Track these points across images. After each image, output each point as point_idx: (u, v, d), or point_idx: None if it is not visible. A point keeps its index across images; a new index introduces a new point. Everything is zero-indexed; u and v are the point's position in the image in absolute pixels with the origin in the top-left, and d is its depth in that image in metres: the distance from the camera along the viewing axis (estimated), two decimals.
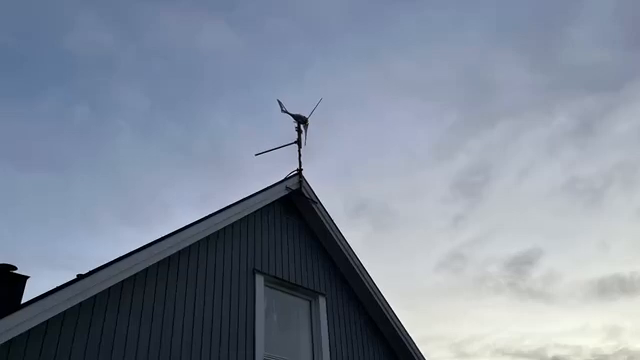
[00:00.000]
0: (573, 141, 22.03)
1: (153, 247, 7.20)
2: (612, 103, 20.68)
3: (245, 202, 8.83)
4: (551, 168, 21.94)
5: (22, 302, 6.90)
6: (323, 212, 10.01)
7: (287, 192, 9.65)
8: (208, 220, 8.10)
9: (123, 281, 6.86)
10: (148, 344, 6.82)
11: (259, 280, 8.65)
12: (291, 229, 9.77)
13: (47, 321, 5.98)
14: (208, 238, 8.21)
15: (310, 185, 10.02)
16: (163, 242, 7.35)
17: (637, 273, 24.85)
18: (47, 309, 5.90)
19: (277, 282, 9.02)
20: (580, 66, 19.09)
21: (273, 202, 9.50)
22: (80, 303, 6.33)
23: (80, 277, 6.40)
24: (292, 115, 10.59)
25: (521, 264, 25.36)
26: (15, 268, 7.94)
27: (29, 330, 5.78)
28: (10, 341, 5.60)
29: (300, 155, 10.28)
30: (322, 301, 9.53)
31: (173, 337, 7.11)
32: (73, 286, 6.20)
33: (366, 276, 10.13)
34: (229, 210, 8.51)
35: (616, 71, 19.76)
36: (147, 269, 7.20)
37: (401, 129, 20.73)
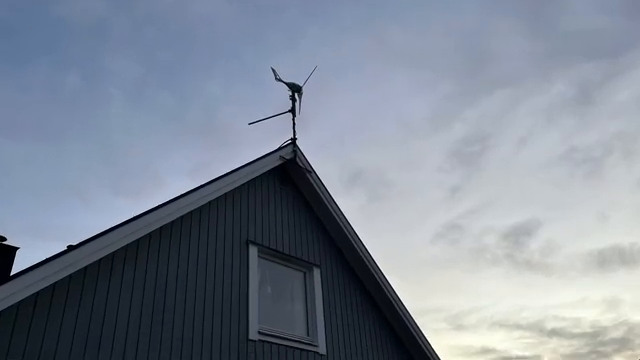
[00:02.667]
0: (572, 110, 21.87)
1: (145, 218, 7.08)
2: (611, 71, 20.49)
3: (238, 172, 8.69)
4: (550, 137, 21.82)
5: (12, 274, 6.81)
6: (317, 182, 9.89)
7: (281, 162, 9.51)
8: (201, 190, 7.96)
9: (114, 252, 6.75)
10: (140, 316, 6.74)
11: (253, 251, 8.56)
12: (285, 199, 9.66)
13: (37, 293, 5.89)
14: (201, 209, 8.10)
15: (304, 154, 9.88)
16: (155, 213, 7.22)
17: (637, 244, 24.88)
18: (37, 281, 5.79)
19: (271, 253, 8.94)
20: (579, 33, 18.85)
21: (267, 172, 9.36)
22: (70, 275, 6.23)
23: (71, 248, 6.28)
24: (286, 83, 10.41)
25: (519, 235, 25.38)
26: (5, 239, 7.85)
27: (19, 302, 5.69)
28: None
29: (294, 124, 10.14)
30: (317, 272, 9.47)
31: (165, 309, 7.04)
32: (63, 257, 6.09)
33: (361, 247, 10.07)
34: (222, 180, 8.37)
35: (615, 39, 19.54)
36: (139, 240, 7.09)
37: (397, 98, 20.52)
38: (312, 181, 9.83)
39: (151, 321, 6.82)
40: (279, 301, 8.97)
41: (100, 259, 6.57)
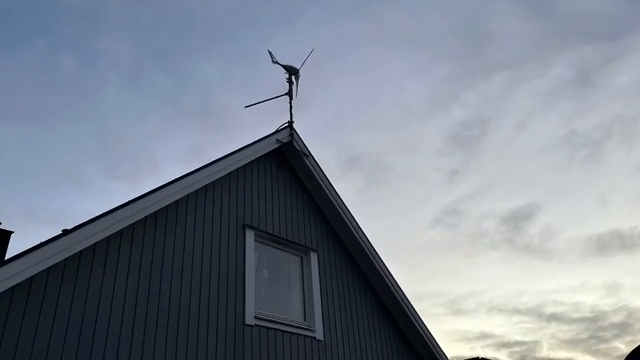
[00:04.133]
0: (571, 93, 21.78)
1: (140, 202, 7.01)
2: (611, 54, 20.37)
3: (235, 155, 8.61)
4: (549, 121, 21.74)
5: (6, 258, 6.76)
6: (315, 165, 9.82)
7: (278, 145, 9.44)
8: (196, 174, 7.88)
9: (109, 237, 6.69)
10: (135, 301, 6.70)
11: (249, 235, 8.51)
12: (282, 183, 9.59)
13: (31, 277, 5.84)
14: (197, 192, 8.03)
15: (301, 138, 9.81)
16: (150, 197, 7.15)
17: (637, 229, 24.87)
18: (32, 265, 5.73)
19: (268, 237, 8.89)
20: (578, 16, 18.71)
21: (264, 155, 9.29)
22: (65, 259, 6.17)
23: (65, 232, 6.23)
24: (283, 66, 10.31)
25: (518, 219, 25.34)
26: None
27: (13, 287, 5.64)
28: None
29: (291, 107, 10.05)
30: (314, 257, 9.43)
31: (161, 294, 6.99)
32: (58, 242, 6.03)
33: (359, 231, 10.03)
34: (218, 163, 8.29)
35: (615, 22, 19.41)
36: (134, 224, 7.03)
37: (395, 81, 20.41)
38: (309, 165, 9.76)
39: (147, 305, 6.78)
40: (276, 286, 8.94)
41: (95, 243, 6.51)
